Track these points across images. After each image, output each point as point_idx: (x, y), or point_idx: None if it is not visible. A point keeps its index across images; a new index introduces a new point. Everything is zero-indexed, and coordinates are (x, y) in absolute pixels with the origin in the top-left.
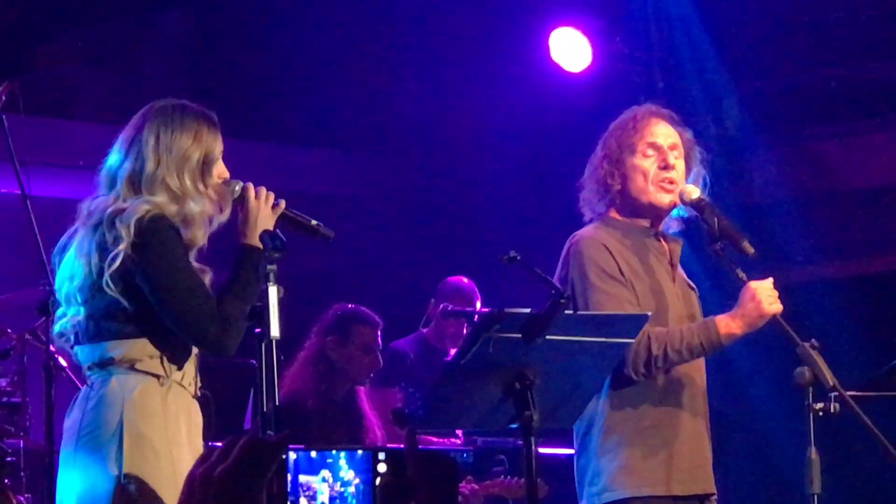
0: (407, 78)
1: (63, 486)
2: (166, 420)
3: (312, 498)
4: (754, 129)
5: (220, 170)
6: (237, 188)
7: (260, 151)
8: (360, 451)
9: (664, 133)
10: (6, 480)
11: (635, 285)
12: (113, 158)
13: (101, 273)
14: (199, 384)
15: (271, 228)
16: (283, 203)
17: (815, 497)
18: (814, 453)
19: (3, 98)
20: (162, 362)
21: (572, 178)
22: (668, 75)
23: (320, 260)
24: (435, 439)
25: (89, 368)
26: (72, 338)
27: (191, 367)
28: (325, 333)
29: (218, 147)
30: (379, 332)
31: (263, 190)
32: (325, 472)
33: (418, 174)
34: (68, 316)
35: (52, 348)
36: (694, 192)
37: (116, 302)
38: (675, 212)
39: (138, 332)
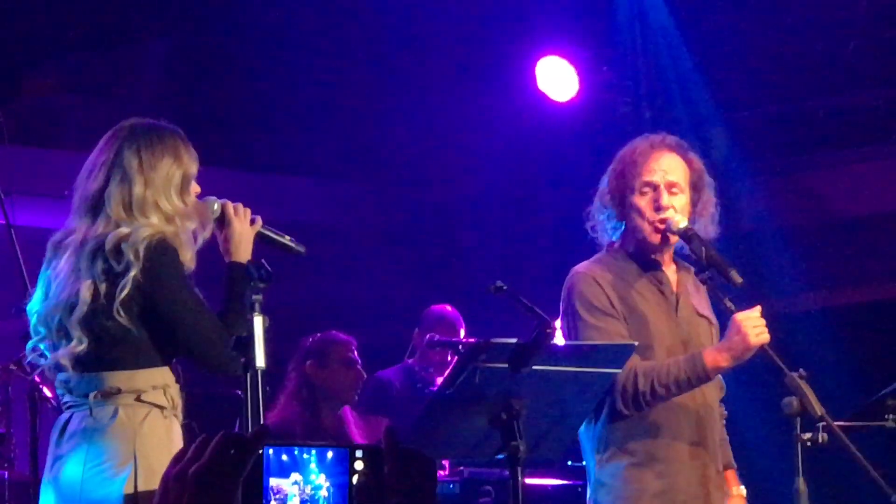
0: (394, 107)
1: None
2: (171, 451)
3: (283, 501)
4: (741, 158)
5: (194, 187)
6: (216, 206)
7: (244, 180)
8: (330, 453)
9: (663, 169)
10: None
11: (628, 317)
12: (93, 183)
13: (110, 299)
14: (183, 414)
15: (251, 244)
16: (259, 219)
17: None
18: (802, 484)
19: None
20: (165, 393)
21: (559, 206)
22: (654, 105)
23: (305, 289)
24: None
25: (92, 399)
26: (67, 366)
27: (180, 397)
28: (303, 361)
29: (195, 164)
30: (354, 348)
31: (240, 206)
32: (295, 475)
33: (405, 203)
34: (65, 347)
35: (36, 378)
36: (682, 221)
37: (125, 329)
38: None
39: (143, 362)
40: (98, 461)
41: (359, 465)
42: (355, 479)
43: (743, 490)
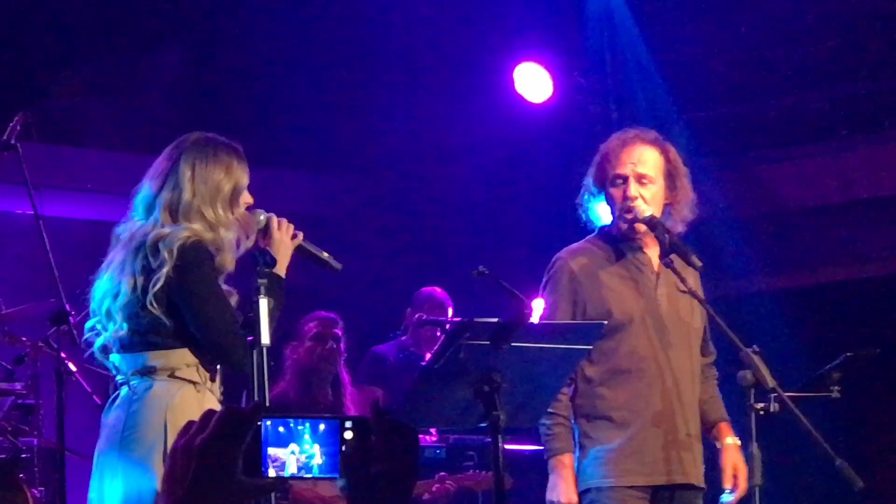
0: (385, 109)
1: (105, 479)
2: None
3: (280, 468)
4: (700, 153)
5: (245, 198)
6: (262, 218)
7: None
8: (322, 425)
9: (633, 161)
10: (21, 475)
11: (604, 297)
12: (150, 187)
13: (145, 292)
14: (222, 389)
15: (289, 257)
16: (300, 235)
17: (757, 488)
18: (756, 448)
19: (19, 128)
20: (197, 370)
21: (535, 197)
22: (621, 105)
23: (304, 274)
24: None
25: (131, 375)
26: (114, 347)
27: (217, 374)
28: (286, 347)
29: (245, 178)
30: (330, 325)
31: (285, 221)
32: (293, 445)
33: (394, 195)
34: (110, 331)
35: (62, 355)
36: (646, 210)
37: (158, 318)
38: None
39: (177, 343)
40: (134, 429)
41: (348, 436)
42: (344, 448)
43: (737, 440)
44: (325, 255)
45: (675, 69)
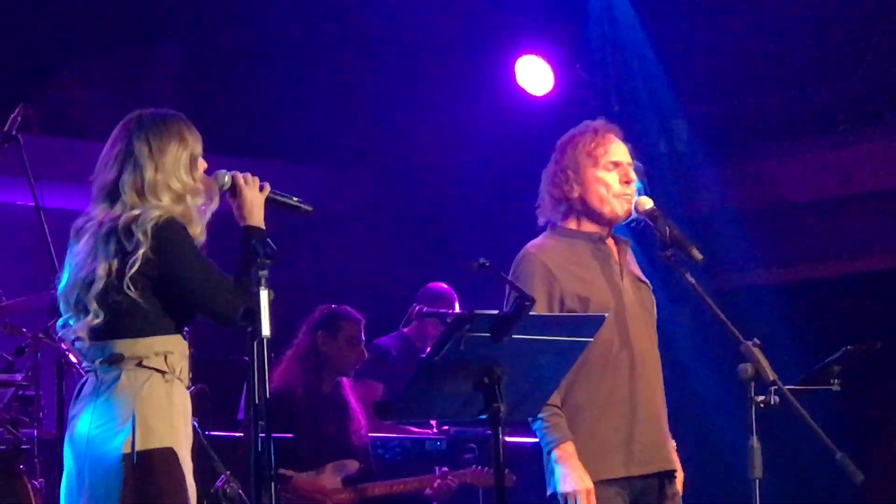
0: (388, 102)
1: (74, 468)
2: (171, 413)
3: None
4: (701, 147)
5: (202, 163)
6: (227, 179)
7: (251, 167)
8: None
9: (623, 150)
10: (21, 466)
11: (580, 289)
12: (109, 173)
13: (121, 275)
14: (190, 376)
15: (262, 209)
16: (267, 185)
17: (757, 481)
18: (755, 442)
19: (19, 119)
20: (166, 359)
21: (535, 190)
22: (622, 99)
23: (308, 267)
24: (414, 429)
25: (98, 364)
26: (84, 336)
27: (186, 362)
28: (314, 330)
29: (199, 144)
30: (362, 328)
31: (249, 175)
32: None
33: (397, 189)
34: (83, 321)
35: (63, 346)
36: (647, 202)
37: (135, 302)
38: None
39: (149, 330)
40: (101, 420)
41: None
42: None
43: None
44: (295, 199)
45: (677, 63)
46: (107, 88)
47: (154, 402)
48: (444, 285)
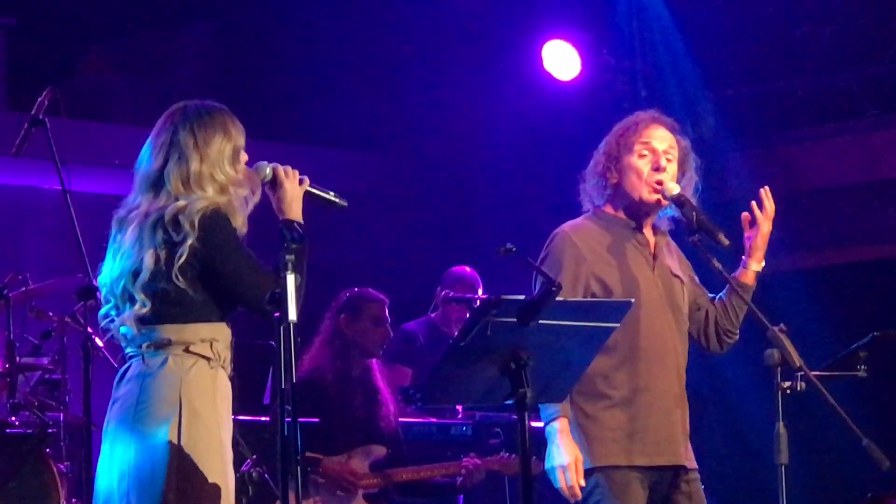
0: (415, 87)
1: (117, 453)
2: (215, 399)
3: None
4: (728, 133)
5: (244, 156)
6: (268, 171)
7: (280, 151)
8: None
9: (660, 137)
10: (48, 450)
11: (607, 274)
12: (153, 162)
13: (169, 265)
14: (232, 366)
15: (301, 202)
16: (306, 179)
17: (783, 467)
18: (782, 427)
19: (46, 103)
20: (211, 346)
21: (563, 175)
22: (649, 84)
23: (336, 251)
24: (435, 420)
25: (145, 348)
26: (131, 324)
27: (229, 352)
28: (338, 313)
29: (242, 137)
30: (386, 308)
31: (290, 169)
32: None
33: (425, 173)
34: (130, 310)
35: (89, 330)
36: (675, 188)
37: (181, 291)
38: (668, 210)
39: (195, 317)
40: (147, 403)
41: None
42: None
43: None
44: (331, 194)
45: (704, 47)
46: (134, 72)
47: (200, 386)
48: (468, 268)
